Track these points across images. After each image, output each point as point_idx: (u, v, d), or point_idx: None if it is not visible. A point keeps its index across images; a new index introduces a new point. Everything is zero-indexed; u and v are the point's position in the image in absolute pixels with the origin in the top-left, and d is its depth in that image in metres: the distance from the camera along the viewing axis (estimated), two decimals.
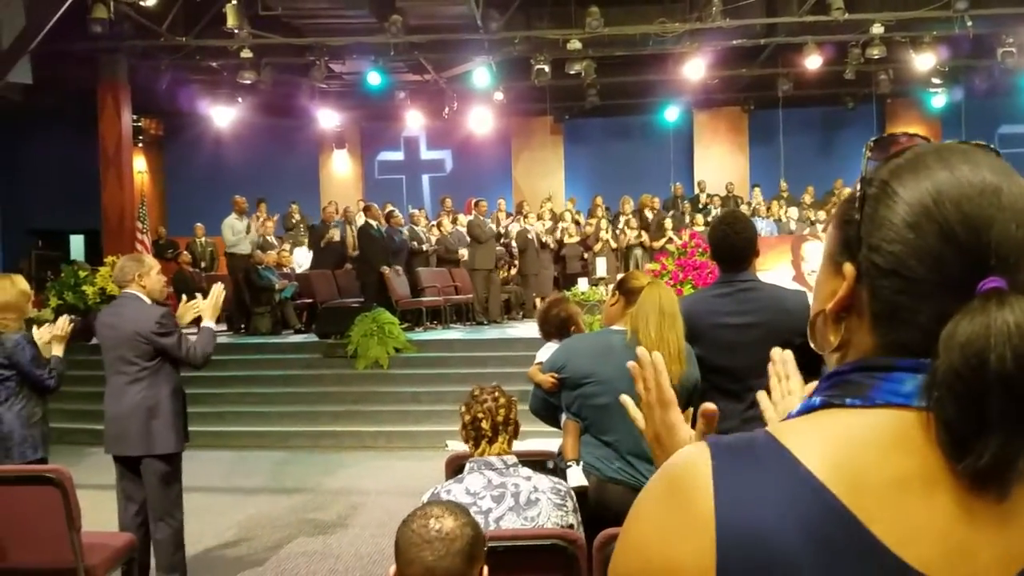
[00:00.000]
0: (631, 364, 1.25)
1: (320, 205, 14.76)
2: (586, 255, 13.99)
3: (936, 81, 15.22)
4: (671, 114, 16.88)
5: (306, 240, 14.06)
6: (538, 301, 11.60)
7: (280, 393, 9.95)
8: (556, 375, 3.24)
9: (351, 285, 12.30)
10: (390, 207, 13.07)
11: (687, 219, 14.58)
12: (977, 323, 0.70)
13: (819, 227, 13.53)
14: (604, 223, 14.30)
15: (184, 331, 4.49)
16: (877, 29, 12.36)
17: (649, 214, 14.80)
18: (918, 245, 0.74)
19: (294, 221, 14.74)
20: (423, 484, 3.10)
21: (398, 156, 18.17)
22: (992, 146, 0.79)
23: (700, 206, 15.42)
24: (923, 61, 13.54)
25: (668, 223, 14.12)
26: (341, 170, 18.17)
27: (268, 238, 13.02)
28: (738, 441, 0.78)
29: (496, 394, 2.87)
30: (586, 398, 3.15)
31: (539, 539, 2.64)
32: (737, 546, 0.73)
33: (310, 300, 12.21)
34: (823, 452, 0.74)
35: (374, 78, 14.00)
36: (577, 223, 14.58)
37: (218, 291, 4.50)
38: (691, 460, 0.78)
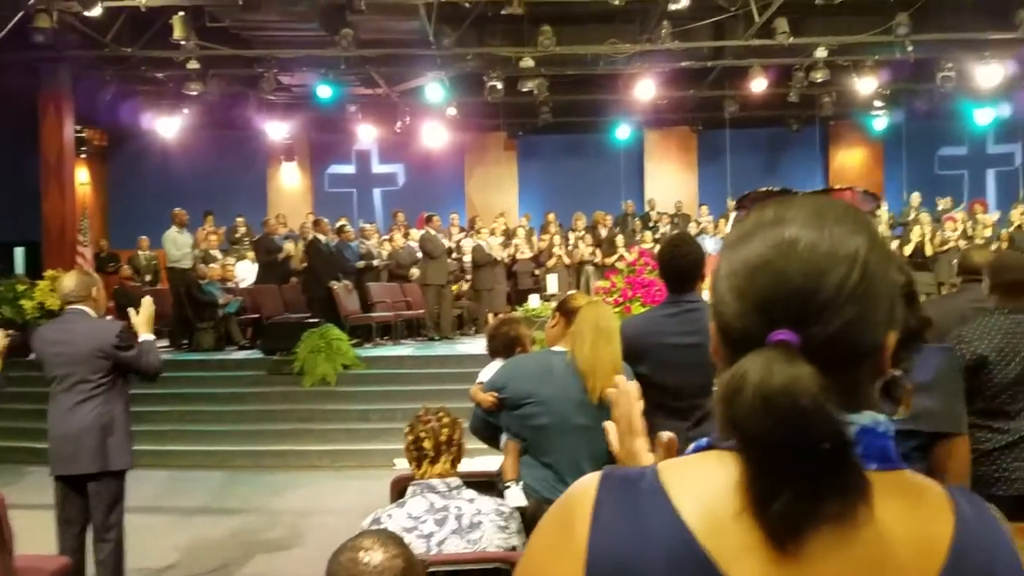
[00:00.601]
0: (609, 390, 1.31)
1: (270, 217, 14.57)
2: (538, 271, 14.01)
3: (878, 104, 15.60)
4: (622, 132, 17.05)
5: (251, 254, 13.85)
6: (491, 317, 11.58)
7: (223, 411, 9.72)
8: (496, 395, 3.24)
9: (298, 300, 12.12)
10: (341, 221, 12.95)
11: (637, 236, 14.70)
12: (732, 374, 0.75)
13: None
14: (557, 239, 14.36)
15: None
16: (821, 53, 12.64)
17: (602, 231, 14.92)
18: (730, 305, 0.80)
19: (239, 234, 14.51)
20: (372, 504, 3.08)
21: (349, 169, 18.02)
22: (831, 190, 0.84)
23: (650, 224, 15.58)
24: (865, 85, 13.89)
25: (619, 240, 14.24)
26: (290, 183, 17.96)
27: (212, 252, 12.80)
28: (629, 475, 0.83)
29: (440, 415, 2.85)
30: (526, 419, 3.15)
31: (481, 562, 2.63)
32: (602, 571, 0.79)
33: (255, 315, 12.00)
34: (695, 495, 0.79)
35: (324, 91, 13.90)
36: (530, 239, 14.61)
37: (147, 303, 4.48)
38: (581, 489, 0.85)
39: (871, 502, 0.75)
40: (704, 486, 0.79)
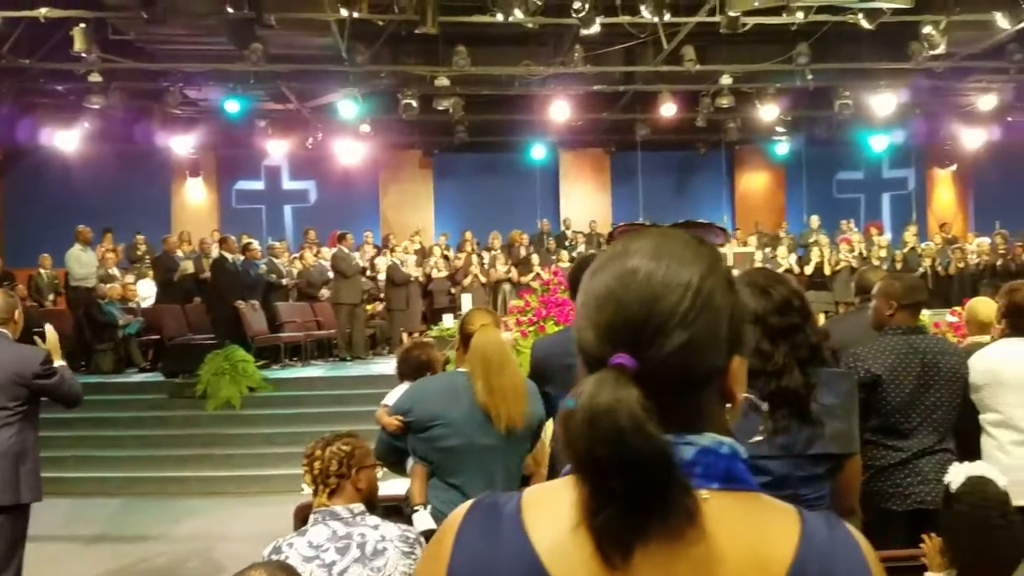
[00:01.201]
0: None
1: (175, 235, 14.13)
2: (454, 290, 13.96)
3: (780, 130, 16.18)
4: (538, 152, 17.22)
5: (151, 272, 13.39)
6: (405, 337, 11.46)
7: (123, 436, 9.39)
8: (402, 418, 3.18)
9: (202, 320, 11.79)
10: (248, 238, 12.64)
11: (553, 255, 14.82)
12: (570, 396, 0.79)
13: None
14: (474, 258, 14.35)
15: None
16: (726, 80, 13.05)
17: (519, 250, 15.00)
18: (584, 332, 0.85)
19: (139, 252, 14.01)
20: (277, 531, 3.00)
21: (258, 185, 17.58)
22: (689, 224, 0.90)
23: (566, 243, 15.74)
24: (767, 111, 14.39)
25: (535, 259, 14.33)
26: (196, 199, 17.42)
27: (111, 271, 12.33)
28: (498, 501, 0.88)
29: (319, 451, 2.75)
30: (433, 441, 3.10)
31: None
32: None
33: (156, 336, 11.63)
34: (545, 517, 0.83)
35: (232, 105, 13.59)
36: (446, 257, 14.56)
37: (50, 332, 4.35)
38: (453, 515, 0.90)
39: (699, 520, 0.78)
40: (555, 508, 0.83)
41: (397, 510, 3.23)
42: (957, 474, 2.49)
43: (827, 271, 14.16)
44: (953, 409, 3.30)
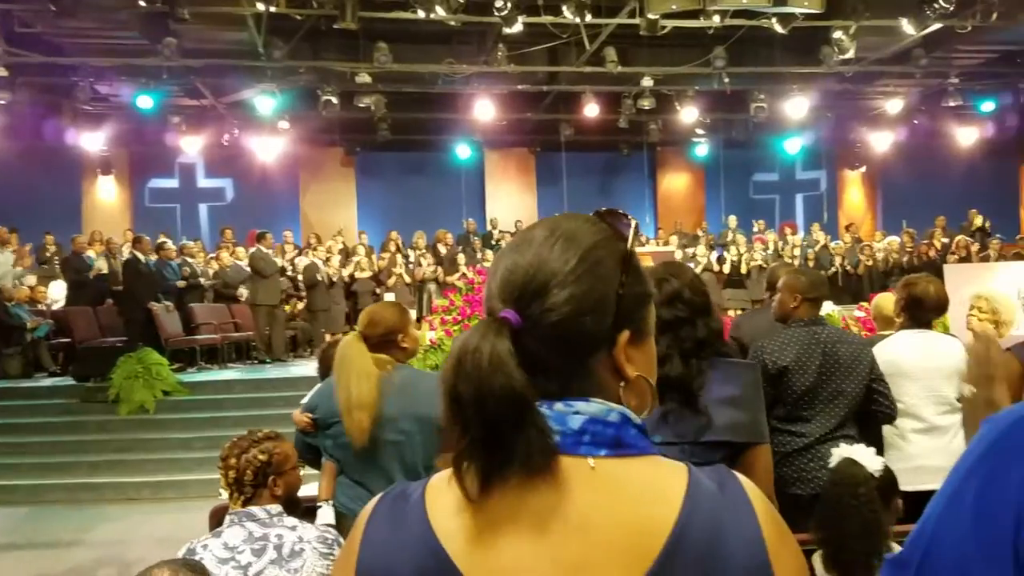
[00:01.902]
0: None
1: (86, 235, 13.61)
2: (378, 290, 13.82)
3: (699, 132, 16.54)
4: (463, 152, 17.20)
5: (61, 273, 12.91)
6: (327, 338, 11.30)
7: (32, 442, 9.12)
8: (310, 416, 3.22)
9: (114, 323, 11.43)
10: (161, 238, 12.27)
11: (479, 255, 14.82)
12: (457, 341, 0.85)
13: None
14: (398, 257, 14.23)
15: None
16: (647, 82, 13.26)
17: (444, 249, 14.93)
18: (488, 296, 0.91)
19: (48, 253, 13.47)
20: (194, 536, 2.90)
21: (172, 183, 17.07)
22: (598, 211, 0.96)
23: (492, 242, 15.76)
24: (687, 113, 14.68)
25: (461, 258, 14.30)
26: (107, 198, 16.82)
27: (16, 271, 11.84)
28: (405, 490, 0.91)
29: (234, 460, 2.68)
30: (336, 437, 3.12)
31: None
32: None
33: (67, 339, 11.24)
34: (447, 503, 0.86)
35: (144, 101, 13.16)
36: (370, 257, 14.41)
37: None
38: (365, 508, 0.92)
39: (584, 482, 0.83)
40: (452, 490, 0.86)
41: (314, 512, 3.22)
42: (835, 456, 2.58)
43: (743, 269, 14.55)
44: (854, 396, 3.43)
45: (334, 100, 12.94)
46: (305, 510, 2.99)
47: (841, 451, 2.58)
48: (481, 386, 0.81)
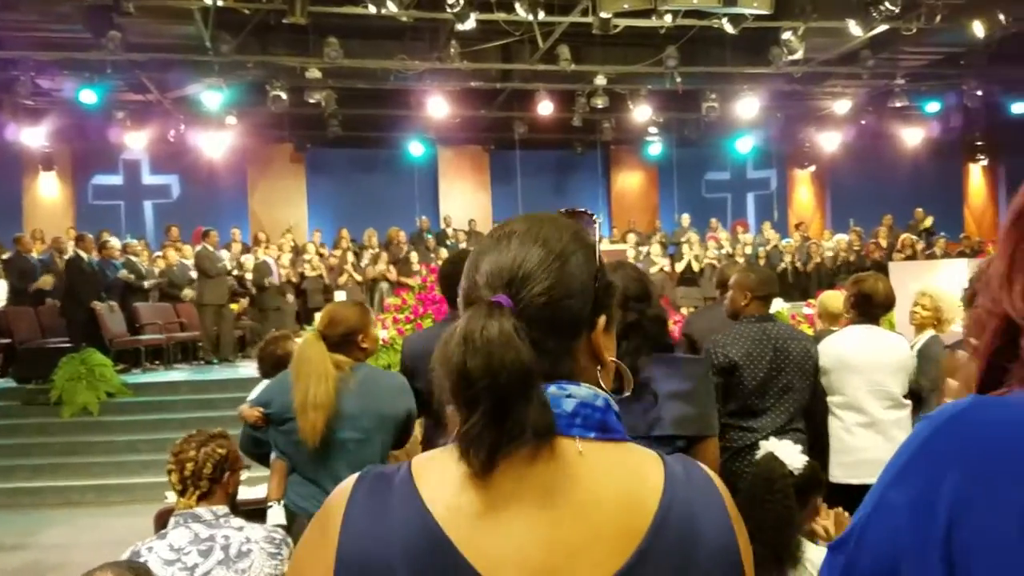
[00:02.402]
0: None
1: (26, 232, 13.20)
2: (329, 282, 13.68)
3: (652, 131, 16.65)
4: (416, 149, 17.07)
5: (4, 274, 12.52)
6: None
7: None
8: (262, 411, 3.19)
9: (56, 323, 11.13)
10: (105, 236, 11.97)
11: (432, 253, 14.75)
12: (456, 325, 0.88)
13: None
14: (349, 256, 14.07)
15: None
16: (600, 81, 13.32)
17: (397, 248, 14.83)
18: (473, 284, 0.95)
19: None
20: (140, 539, 2.84)
21: (116, 180, 16.64)
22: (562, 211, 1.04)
23: (446, 241, 15.68)
24: (640, 112, 14.77)
25: (414, 257, 14.22)
26: (49, 195, 16.34)
27: None
28: (385, 472, 0.91)
29: (193, 451, 2.67)
30: (291, 434, 3.08)
31: None
32: (348, 569, 0.86)
33: (7, 340, 10.86)
34: (437, 479, 0.88)
35: (88, 96, 12.82)
36: (321, 255, 14.23)
37: None
38: (338, 491, 0.92)
39: (578, 462, 0.88)
40: (443, 470, 0.88)
41: (260, 513, 3.18)
42: (762, 451, 2.62)
43: (696, 268, 14.69)
44: (802, 391, 3.48)
45: (283, 96, 12.73)
46: (245, 514, 2.94)
47: (768, 446, 2.62)
48: (492, 360, 0.84)
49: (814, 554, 2.42)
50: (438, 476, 0.89)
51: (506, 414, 0.84)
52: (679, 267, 14.91)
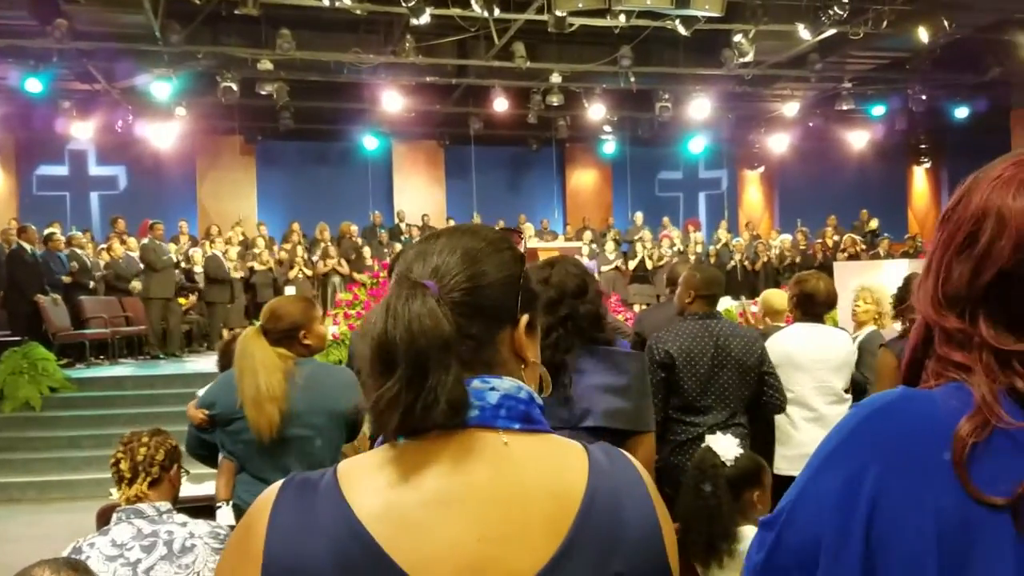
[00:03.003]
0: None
1: None
2: (279, 278, 13.52)
3: (607, 130, 16.76)
4: (370, 143, 16.94)
5: None
6: (225, 332, 11.01)
7: None
8: (207, 412, 3.12)
9: None
10: (51, 228, 11.69)
11: (385, 248, 14.67)
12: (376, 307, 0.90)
13: None
14: (300, 250, 13.92)
15: None
16: (556, 78, 13.38)
17: (349, 242, 14.71)
18: (392, 277, 0.98)
19: None
20: (82, 536, 2.78)
21: (61, 171, 16.22)
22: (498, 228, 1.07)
23: (400, 236, 15.60)
24: (595, 111, 14.86)
25: (367, 251, 14.13)
26: None
27: None
28: (309, 479, 0.91)
29: (146, 438, 2.68)
30: (237, 434, 3.03)
31: None
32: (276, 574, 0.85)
33: None
34: (363, 482, 0.88)
35: (33, 84, 12.46)
36: (271, 249, 14.06)
37: None
38: (263, 496, 0.91)
39: (504, 454, 0.89)
40: (371, 472, 0.89)
41: (207, 510, 3.15)
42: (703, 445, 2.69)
43: (650, 266, 14.85)
44: (744, 387, 3.55)
45: (234, 87, 12.54)
46: (189, 511, 2.91)
47: (709, 439, 2.68)
48: (412, 327, 0.86)
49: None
50: (364, 480, 0.88)
51: (423, 379, 0.85)
52: (632, 265, 15.05)
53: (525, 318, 0.98)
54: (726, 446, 2.62)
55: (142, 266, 11.83)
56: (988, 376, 0.83)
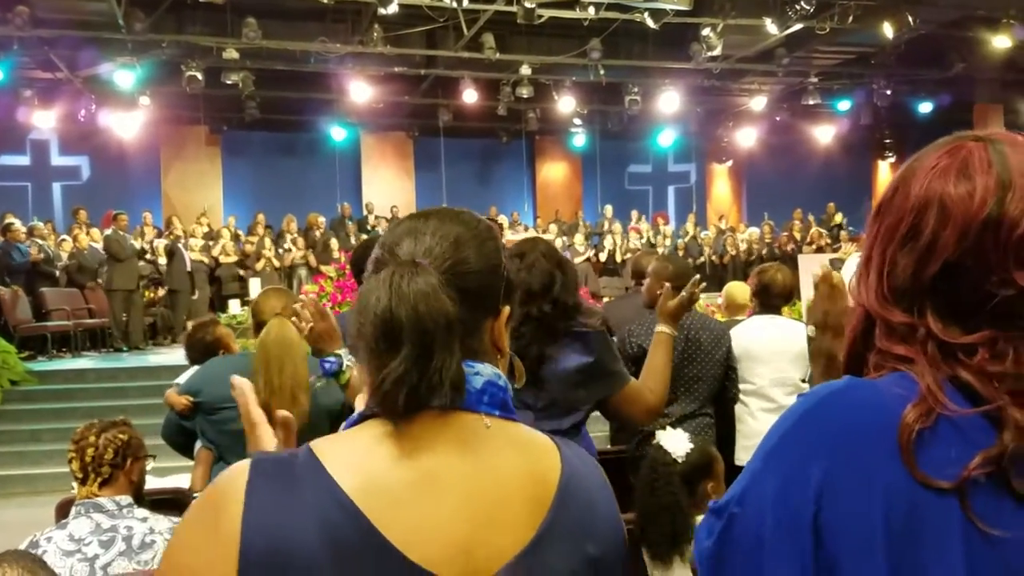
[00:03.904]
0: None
1: None
2: (244, 274, 13.38)
3: (576, 122, 16.78)
4: (338, 134, 16.79)
5: None
6: (190, 324, 10.85)
7: None
8: (191, 399, 3.12)
9: None
10: (10, 218, 11.47)
11: (352, 240, 14.56)
12: (377, 278, 0.89)
13: None
14: (267, 241, 13.79)
15: None
16: (525, 70, 13.36)
17: (316, 234, 14.59)
18: (375, 255, 0.98)
19: None
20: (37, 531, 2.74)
21: (23, 161, 15.89)
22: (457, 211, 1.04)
23: (368, 228, 15.50)
24: (564, 103, 14.86)
25: (334, 243, 14.02)
26: None
27: None
28: (282, 457, 0.88)
29: (93, 436, 2.60)
30: (222, 423, 3.04)
31: None
32: (258, 556, 0.81)
33: None
34: (349, 459, 0.87)
35: None
36: (237, 240, 13.90)
37: None
38: (230, 476, 0.86)
39: (489, 438, 0.91)
40: (352, 449, 0.88)
41: (173, 503, 3.13)
42: (657, 440, 2.72)
43: (619, 258, 14.92)
44: (713, 379, 3.58)
45: (199, 76, 12.37)
46: (153, 503, 2.88)
47: (660, 435, 2.71)
48: (419, 307, 0.85)
49: None
50: (347, 457, 0.87)
51: (428, 359, 0.85)
52: (602, 257, 15.12)
53: (506, 309, 1.00)
54: (676, 442, 2.64)
55: (106, 257, 11.66)
56: (932, 366, 0.84)
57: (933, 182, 0.87)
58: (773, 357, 3.90)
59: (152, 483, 3.28)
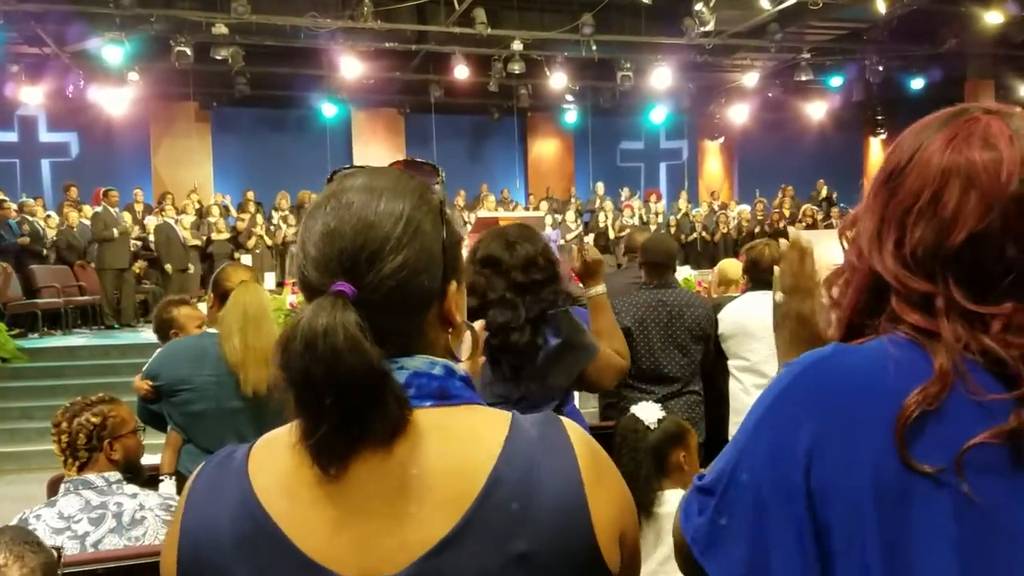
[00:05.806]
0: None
1: None
2: (236, 252, 13.33)
3: (568, 98, 16.69)
4: (329, 110, 16.68)
5: None
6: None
7: None
8: (152, 383, 3.05)
9: None
10: None
11: None
12: (291, 323, 0.82)
13: (469, 228, 14.18)
14: (258, 219, 13.73)
15: None
16: (517, 46, 13.26)
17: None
18: (304, 269, 0.88)
19: None
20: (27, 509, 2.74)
21: (11, 137, 15.75)
22: (397, 163, 0.99)
23: None
24: (556, 79, 14.78)
25: None
26: None
27: None
28: (232, 453, 0.90)
29: (65, 424, 2.55)
30: (181, 406, 3.02)
31: (142, 557, 2.40)
32: (188, 550, 0.85)
33: None
34: (269, 465, 0.87)
35: None
36: (225, 218, 13.84)
37: None
38: (192, 475, 0.90)
39: (407, 432, 0.84)
40: (276, 451, 0.87)
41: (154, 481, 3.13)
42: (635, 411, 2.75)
43: (611, 235, 14.91)
44: (698, 355, 3.59)
45: (188, 52, 12.26)
46: (149, 479, 2.90)
47: (637, 407, 2.73)
48: (340, 370, 0.79)
49: (673, 508, 2.52)
50: (270, 457, 0.87)
51: (353, 422, 0.81)
52: (593, 236, 15.11)
53: (454, 285, 0.93)
54: (648, 412, 2.66)
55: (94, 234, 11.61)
56: (956, 339, 0.82)
57: (955, 152, 0.85)
58: (766, 333, 3.88)
59: (147, 460, 3.28)
